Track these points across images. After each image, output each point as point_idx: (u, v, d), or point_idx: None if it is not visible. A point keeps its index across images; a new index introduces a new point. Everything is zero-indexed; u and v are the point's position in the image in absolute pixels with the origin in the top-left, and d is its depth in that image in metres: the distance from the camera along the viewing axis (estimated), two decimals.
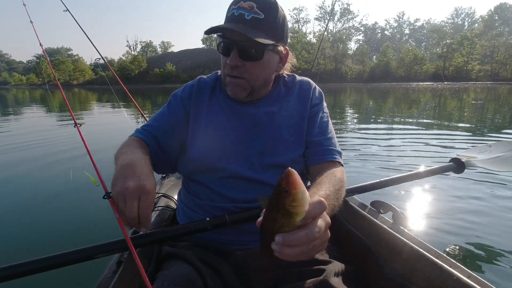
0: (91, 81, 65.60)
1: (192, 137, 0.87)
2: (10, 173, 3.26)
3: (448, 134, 5.24)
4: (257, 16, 0.75)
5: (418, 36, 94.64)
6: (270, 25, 0.77)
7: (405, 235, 0.81)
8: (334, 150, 0.87)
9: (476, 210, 2.09)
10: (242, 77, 0.79)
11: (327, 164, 0.85)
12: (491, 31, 59.46)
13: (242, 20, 0.75)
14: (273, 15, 0.77)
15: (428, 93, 19.88)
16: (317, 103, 0.90)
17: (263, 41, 0.74)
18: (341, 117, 8.10)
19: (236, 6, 0.76)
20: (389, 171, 3.05)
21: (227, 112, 0.87)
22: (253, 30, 0.74)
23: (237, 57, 0.77)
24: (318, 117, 0.89)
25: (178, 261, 0.77)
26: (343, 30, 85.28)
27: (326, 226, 0.48)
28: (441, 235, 1.76)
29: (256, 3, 0.75)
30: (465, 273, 0.65)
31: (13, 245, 1.83)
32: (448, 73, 53.11)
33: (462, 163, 1.35)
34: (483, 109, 9.46)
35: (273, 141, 0.85)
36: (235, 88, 0.81)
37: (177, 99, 0.91)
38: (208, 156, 0.84)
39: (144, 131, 0.87)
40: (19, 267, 0.68)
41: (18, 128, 6.75)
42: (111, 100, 12.56)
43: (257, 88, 0.83)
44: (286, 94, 0.90)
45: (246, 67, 0.78)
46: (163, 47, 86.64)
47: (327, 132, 0.89)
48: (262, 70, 0.81)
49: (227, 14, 0.79)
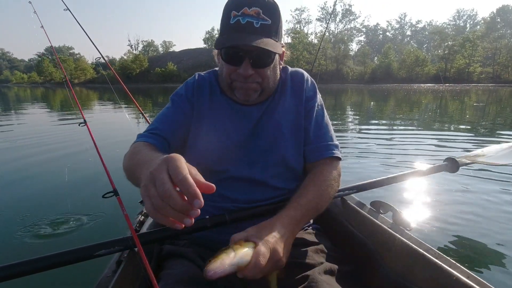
0: (92, 80, 65.77)
1: (193, 138, 0.86)
2: (11, 171, 3.27)
3: (448, 136, 5.24)
4: (265, 23, 0.73)
5: (420, 38, 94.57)
6: (276, 29, 0.77)
7: (404, 235, 0.81)
8: (331, 145, 0.87)
9: (476, 210, 2.09)
10: (255, 82, 0.79)
11: (323, 161, 0.86)
12: (493, 33, 59.39)
13: (252, 29, 0.72)
14: (277, 17, 0.76)
15: (429, 95, 19.85)
16: (311, 96, 0.90)
17: (277, 49, 0.74)
18: (342, 117, 8.10)
19: (240, 13, 0.72)
20: (388, 170, 3.06)
21: (229, 113, 0.86)
22: (264, 38, 0.73)
23: (249, 67, 0.75)
24: (314, 112, 0.89)
25: (180, 260, 0.77)
26: (344, 31, 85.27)
27: (270, 251, 0.60)
28: (441, 235, 1.76)
29: (261, 9, 0.73)
30: (464, 274, 0.65)
31: (14, 244, 1.83)
32: (449, 75, 53.07)
33: (456, 162, 1.39)
34: (484, 112, 9.45)
35: (274, 139, 0.85)
36: (248, 92, 0.80)
37: (182, 98, 0.88)
38: (209, 158, 0.84)
39: (153, 134, 0.82)
40: (20, 265, 0.68)
41: (27, 125, 6.77)
42: (112, 99, 12.61)
43: (268, 90, 0.84)
44: (281, 88, 0.89)
45: (258, 73, 0.78)
46: (164, 47, 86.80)
47: (322, 126, 0.89)
48: (273, 72, 0.81)
49: (229, 20, 0.74)
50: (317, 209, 0.78)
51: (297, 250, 0.78)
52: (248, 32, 0.72)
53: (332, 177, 0.83)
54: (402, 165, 3.26)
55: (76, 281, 1.41)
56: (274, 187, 0.85)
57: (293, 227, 0.69)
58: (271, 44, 0.73)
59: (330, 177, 0.82)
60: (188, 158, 0.85)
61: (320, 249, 0.82)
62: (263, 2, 0.73)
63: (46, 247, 1.76)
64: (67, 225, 2.02)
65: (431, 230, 1.83)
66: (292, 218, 0.70)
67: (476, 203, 2.20)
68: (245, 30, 0.72)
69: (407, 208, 2.12)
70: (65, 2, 2.00)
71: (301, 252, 0.79)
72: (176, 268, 0.74)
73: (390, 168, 3.13)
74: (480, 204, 2.19)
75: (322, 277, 0.69)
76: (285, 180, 0.87)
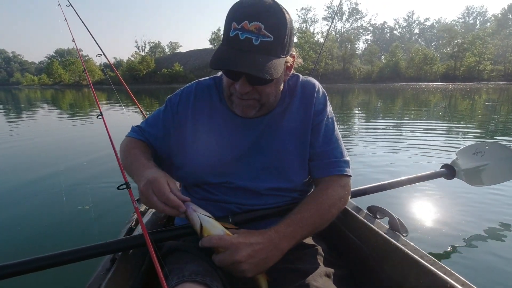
0: (100, 81, 66.67)
1: (191, 151, 0.84)
2: (12, 170, 3.37)
3: (457, 137, 5.14)
4: (266, 40, 0.66)
5: (428, 36, 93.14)
6: (280, 44, 0.68)
7: (400, 241, 0.81)
8: (340, 162, 0.83)
9: (473, 217, 2.05)
10: (253, 98, 0.74)
11: (330, 178, 0.82)
12: (504, 30, 58.10)
13: (250, 47, 0.65)
14: (283, 32, 0.68)
15: (438, 94, 19.52)
16: (321, 109, 0.84)
17: (277, 72, 0.68)
18: (347, 118, 8.04)
19: (240, 27, 0.65)
20: (389, 175, 3.01)
21: (229, 125, 0.83)
22: (263, 57, 0.66)
23: (246, 84, 0.71)
24: (323, 126, 0.83)
25: (187, 254, 0.77)
26: (351, 30, 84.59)
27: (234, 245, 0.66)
28: (437, 242, 1.74)
29: (263, 24, 0.65)
30: (459, 281, 0.64)
31: (14, 243, 1.89)
32: (459, 73, 52.03)
33: (453, 170, 1.41)
34: (495, 110, 9.24)
35: (277, 153, 0.82)
36: (245, 109, 0.76)
37: (174, 108, 0.87)
38: (208, 170, 0.83)
39: (142, 131, 0.91)
40: (24, 264, 0.70)
41: (38, 123, 6.94)
42: (119, 100, 12.92)
43: (268, 105, 0.79)
44: (289, 98, 0.84)
45: (256, 89, 0.73)
46: (171, 48, 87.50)
47: (332, 141, 0.84)
48: (273, 88, 0.75)
49: (228, 31, 0.67)
50: (314, 227, 0.76)
51: (294, 253, 0.78)
52: (246, 51, 0.66)
53: (337, 195, 0.80)
54: (403, 169, 3.21)
55: (68, 280, 1.42)
56: (277, 195, 0.84)
57: (279, 240, 0.70)
58: (269, 66, 0.66)
59: (334, 195, 0.79)
60: (188, 170, 0.86)
61: (317, 252, 0.82)
62: (265, 16, 0.65)
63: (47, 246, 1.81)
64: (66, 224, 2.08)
65: (427, 236, 1.81)
66: (281, 234, 0.71)
67: (473, 209, 2.17)
68: (243, 47, 0.66)
69: (404, 214, 2.09)
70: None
71: (299, 255, 0.79)
72: (186, 262, 0.73)
73: (390, 172, 3.09)
74: (478, 210, 2.15)
75: (318, 280, 0.70)
76: (289, 191, 0.85)
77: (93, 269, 0.78)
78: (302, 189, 0.87)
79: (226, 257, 0.66)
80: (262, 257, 0.67)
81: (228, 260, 0.66)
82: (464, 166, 1.48)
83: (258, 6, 0.66)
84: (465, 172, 1.46)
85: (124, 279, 0.76)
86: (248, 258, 0.66)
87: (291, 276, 0.73)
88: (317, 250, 0.82)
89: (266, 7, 0.66)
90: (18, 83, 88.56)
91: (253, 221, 0.80)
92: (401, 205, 2.23)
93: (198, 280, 0.64)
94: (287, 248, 0.72)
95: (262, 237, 0.69)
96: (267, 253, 0.68)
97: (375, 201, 1.04)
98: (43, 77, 76.25)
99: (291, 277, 0.73)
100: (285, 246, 0.71)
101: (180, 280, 0.63)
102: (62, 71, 70.16)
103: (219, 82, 0.87)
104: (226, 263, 0.66)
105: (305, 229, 0.74)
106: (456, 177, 1.43)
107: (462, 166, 1.46)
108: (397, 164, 3.41)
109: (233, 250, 0.66)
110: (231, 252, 0.66)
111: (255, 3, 0.66)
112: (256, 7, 0.66)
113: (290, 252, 0.74)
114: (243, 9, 0.66)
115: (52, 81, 71.49)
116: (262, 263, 0.68)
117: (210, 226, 0.69)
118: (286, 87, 0.85)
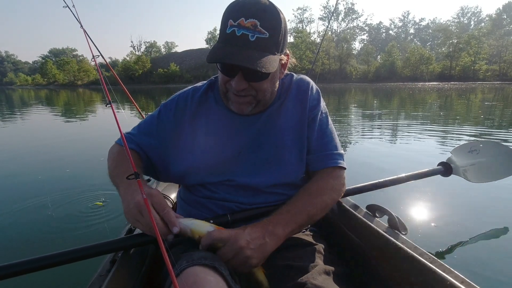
0: (95, 81, 66.23)
1: (191, 154, 0.85)
2: (14, 169, 3.32)
3: (452, 137, 5.18)
4: (262, 36, 0.68)
5: (423, 36, 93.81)
6: (275, 42, 0.72)
7: (399, 240, 0.81)
8: (334, 154, 0.86)
9: (472, 215, 2.06)
10: (249, 94, 0.76)
11: (325, 171, 0.86)
12: (499, 30, 58.68)
13: (246, 43, 0.68)
14: (278, 30, 0.71)
15: (434, 93, 19.67)
16: (315, 105, 0.87)
17: (272, 67, 0.70)
18: (344, 117, 8.07)
19: (236, 23, 0.68)
20: (385, 173, 3.02)
21: (229, 126, 0.85)
22: (259, 52, 0.69)
23: (242, 80, 0.73)
24: (317, 120, 0.87)
25: (193, 245, 0.76)
26: (347, 30, 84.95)
27: (248, 238, 0.69)
28: (436, 240, 1.74)
29: (259, 21, 0.68)
30: (458, 279, 0.64)
31: (14, 243, 1.86)
32: (454, 73, 52.47)
33: (450, 167, 1.42)
34: (491, 108, 9.32)
35: (276, 149, 0.84)
36: (241, 106, 0.78)
37: (170, 114, 0.87)
38: (208, 168, 0.84)
39: (133, 139, 0.88)
40: (24, 264, 0.69)
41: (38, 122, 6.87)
42: (115, 100, 12.85)
43: (264, 102, 0.81)
44: (284, 96, 0.87)
45: (252, 86, 0.75)
46: (167, 47, 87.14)
47: (326, 134, 0.88)
48: (269, 85, 0.78)
49: (226, 28, 0.70)
50: (309, 216, 0.79)
51: (294, 251, 0.79)
52: (242, 46, 0.68)
53: (330, 186, 0.83)
54: (400, 167, 3.22)
55: (69, 280, 1.41)
56: (277, 193, 0.86)
57: (273, 227, 0.73)
58: (264, 60, 0.68)
59: (327, 186, 0.83)
60: (188, 172, 0.86)
61: (317, 250, 0.82)
62: (262, 13, 0.68)
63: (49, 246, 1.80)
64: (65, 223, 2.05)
65: (426, 234, 1.82)
66: (274, 221, 0.74)
67: (472, 207, 2.18)
68: (239, 43, 0.68)
69: (403, 212, 2.10)
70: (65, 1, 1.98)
71: (298, 253, 0.79)
72: (193, 249, 0.72)
73: (387, 170, 3.10)
74: (476, 208, 2.16)
75: (318, 278, 0.69)
76: (288, 187, 0.87)
77: (93, 270, 0.77)
78: (301, 184, 0.88)
79: (228, 248, 0.68)
80: (261, 243, 0.70)
81: (231, 250, 0.68)
82: (460, 163, 1.50)
83: (255, 5, 0.69)
84: (461, 169, 1.48)
85: (124, 280, 0.76)
86: (248, 244, 0.68)
87: (291, 274, 0.73)
88: (316, 248, 0.83)
89: (262, 5, 0.69)
90: (11, 83, 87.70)
91: (252, 219, 0.81)
92: (400, 203, 2.24)
93: (207, 263, 0.63)
94: (283, 234, 0.74)
95: (256, 227, 0.73)
96: (264, 238, 0.71)
97: (374, 199, 1.04)
98: (37, 77, 75.64)
99: (290, 275, 0.72)
100: (280, 232, 0.73)
101: (190, 264, 0.62)
102: (57, 71, 69.56)
103: (214, 85, 0.89)
104: (231, 254, 0.68)
105: (299, 216, 0.77)
106: (453, 174, 1.44)
107: (458, 163, 1.48)
108: (394, 162, 3.44)
109: (233, 240, 0.68)
110: (231, 243, 0.68)
111: (252, 2, 0.69)
112: (252, 5, 0.69)
113: (290, 250, 0.75)
114: (240, 7, 0.69)
115: (46, 81, 70.92)
116: (262, 248, 0.70)
117: (197, 226, 0.71)
118: (281, 85, 0.88)
